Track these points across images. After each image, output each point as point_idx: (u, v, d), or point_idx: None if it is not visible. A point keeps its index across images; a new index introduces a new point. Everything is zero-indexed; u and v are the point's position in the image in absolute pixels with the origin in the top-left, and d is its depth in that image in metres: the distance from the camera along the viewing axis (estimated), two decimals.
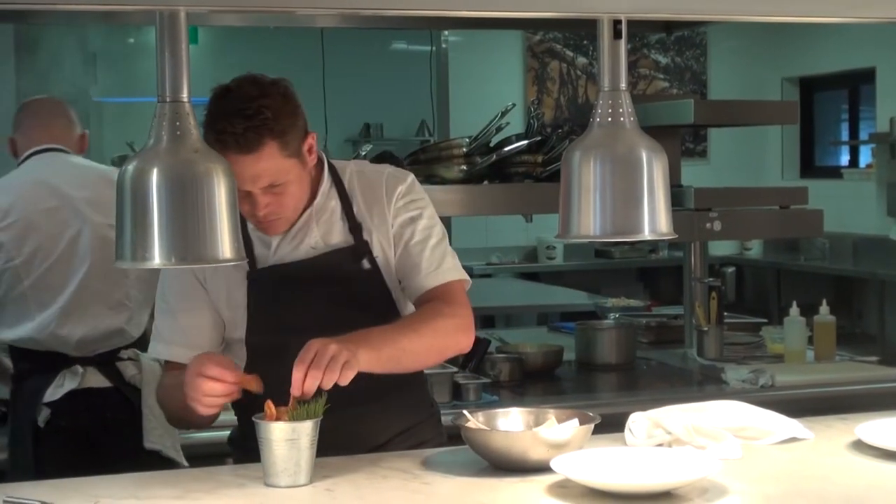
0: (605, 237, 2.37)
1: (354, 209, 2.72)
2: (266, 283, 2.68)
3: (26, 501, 2.30)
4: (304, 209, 2.69)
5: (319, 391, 2.39)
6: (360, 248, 2.71)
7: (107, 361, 3.45)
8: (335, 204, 2.72)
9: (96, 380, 3.44)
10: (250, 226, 2.68)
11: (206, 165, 2.09)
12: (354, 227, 2.71)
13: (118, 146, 4.48)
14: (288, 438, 2.37)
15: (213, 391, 2.42)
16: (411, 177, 2.79)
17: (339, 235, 2.71)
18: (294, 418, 2.39)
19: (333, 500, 2.33)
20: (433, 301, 2.67)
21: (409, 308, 2.76)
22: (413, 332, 2.58)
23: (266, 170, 2.53)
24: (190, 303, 2.70)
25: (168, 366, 2.76)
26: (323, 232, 2.71)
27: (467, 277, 2.76)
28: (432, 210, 2.78)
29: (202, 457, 2.84)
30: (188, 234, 2.08)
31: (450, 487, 2.40)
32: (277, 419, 2.39)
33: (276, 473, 2.39)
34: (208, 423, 2.59)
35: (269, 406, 2.41)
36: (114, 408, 3.43)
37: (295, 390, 2.38)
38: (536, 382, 4.01)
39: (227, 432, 2.87)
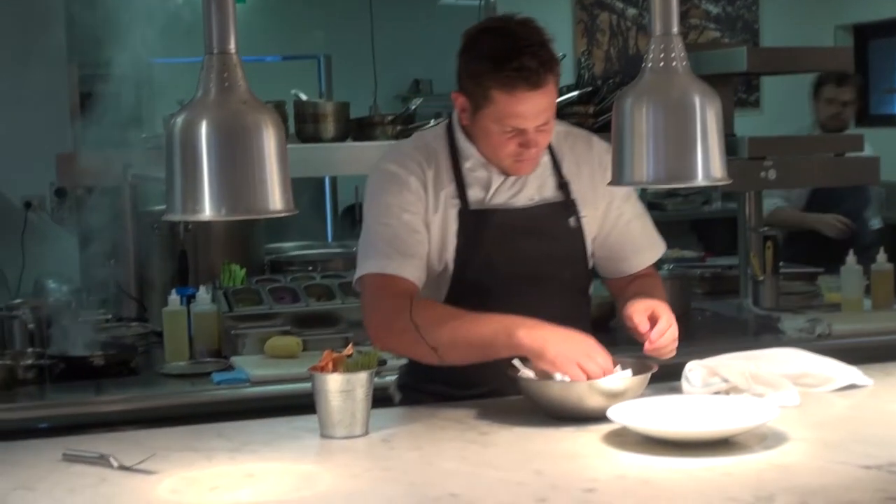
0: (658, 183, 2.33)
1: (563, 167, 2.78)
2: (477, 224, 2.72)
3: (85, 454, 2.31)
4: None
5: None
6: (568, 205, 2.77)
7: None
8: (547, 160, 2.78)
9: None
10: (466, 166, 2.71)
11: (254, 117, 2.07)
12: (563, 184, 2.78)
13: (169, 106, 4.46)
14: (343, 389, 2.37)
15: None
16: None
17: (550, 190, 2.78)
18: (349, 369, 2.38)
19: (391, 451, 2.32)
20: (652, 277, 2.88)
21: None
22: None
23: (549, 105, 2.62)
24: (412, 217, 2.67)
25: (380, 284, 2.63)
26: (538, 185, 2.77)
27: (664, 243, 2.94)
28: None
29: (243, 412, 2.82)
30: (238, 186, 2.05)
31: (506, 437, 2.39)
32: (333, 370, 2.38)
33: (331, 425, 2.39)
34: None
35: (327, 356, 2.40)
36: None
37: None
38: (591, 334, 3.96)
39: (271, 388, 2.88)
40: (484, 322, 2.52)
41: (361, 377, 2.39)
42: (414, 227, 2.67)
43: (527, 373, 2.55)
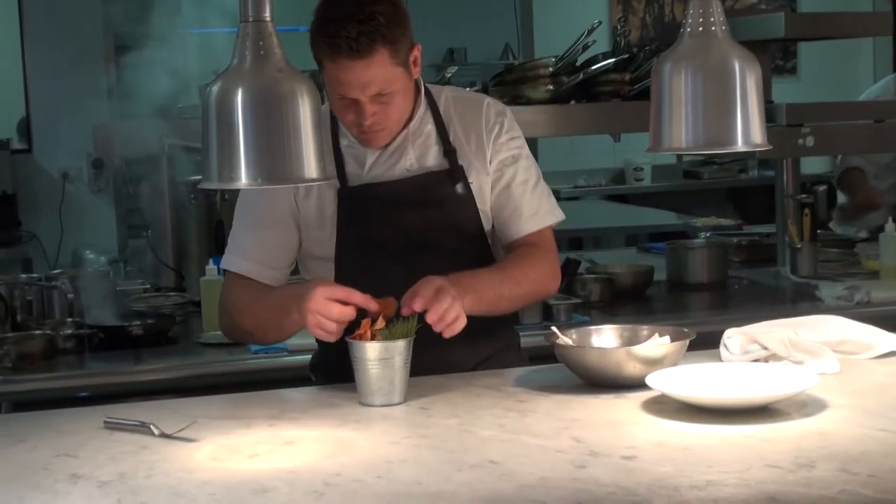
0: (696, 149, 2.32)
1: (450, 134, 2.71)
2: (357, 202, 2.67)
3: (126, 422, 2.32)
4: (401, 130, 2.67)
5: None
6: (455, 172, 2.70)
7: None
8: (431, 128, 2.71)
9: None
10: (343, 143, 2.68)
11: (290, 85, 2.06)
12: (450, 151, 2.70)
13: (205, 76, 4.47)
14: (381, 357, 2.37)
15: (343, 316, 2.40)
16: (509, 110, 2.79)
17: (434, 159, 2.70)
18: (387, 337, 2.38)
19: (429, 419, 2.32)
20: (528, 246, 2.71)
21: (495, 238, 2.75)
22: (512, 281, 2.63)
23: (376, 76, 2.51)
24: (273, 219, 2.69)
25: (234, 280, 2.72)
26: (418, 154, 2.69)
27: (562, 215, 2.80)
28: (527, 145, 2.79)
29: (280, 381, 2.83)
30: (274, 154, 2.05)
31: (544, 405, 2.39)
32: (371, 339, 2.39)
33: (370, 392, 2.39)
34: (273, 342, 2.71)
35: (365, 325, 2.40)
36: None
37: (406, 311, 2.40)
38: (627, 303, 3.97)
39: (308, 357, 2.88)
40: (274, 299, 2.56)
41: (399, 345, 2.39)
42: (278, 238, 2.69)
43: (565, 340, 2.54)
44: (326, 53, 2.50)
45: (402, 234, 2.67)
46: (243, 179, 2.04)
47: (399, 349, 2.39)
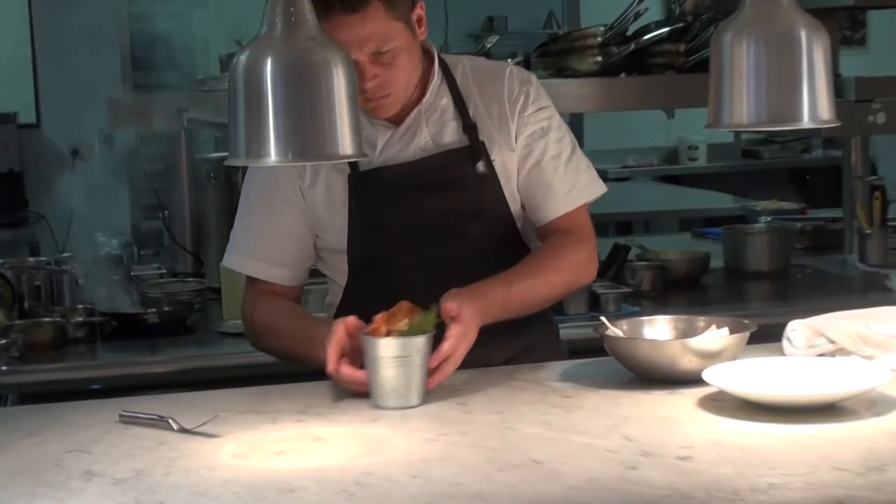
0: (759, 125, 2.31)
1: (470, 108, 2.68)
2: (370, 188, 2.65)
3: (142, 415, 2.34)
4: (413, 107, 2.65)
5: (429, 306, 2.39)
6: (475, 149, 2.66)
7: None
8: (447, 102, 2.68)
9: None
10: None
11: (323, 54, 2.07)
12: (469, 126, 2.67)
13: (226, 43, 4.49)
14: (398, 355, 2.33)
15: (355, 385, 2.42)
16: (535, 78, 2.75)
17: (451, 135, 2.67)
18: (405, 333, 2.34)
19: (468, 415, 2.33)
20: (561, 235, 2.67)
21: (526, 220, 2.73)
22: (543, 283, 2.63)
23: (373, 32, 2.48)
24: (276, 213, 2.68)
25: (254, 287, 2.74)
26: (433, 132, 2.67)
27: (603, 188, 2.78)
28: (558, 114, 2.74)
29: (308, 374, 2.84)
30: (306, 129, 2.06)
31: (592, 401, 2.39)
32: (387, 334, 2.35)
33: (384, 394, 2.35)
34: None
35: (380, 319, 2.37)
36: None
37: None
38: (681, 292, 3.97)
39: None
40: (299, 339, 2.56)
41: (418, 342, 2.34)
42: (285, 231, 2.69)
43: (615, 331, 2.55)
44: (321, 13, 2.43)
45: (420, 221, 2.65)
46: (273, 156, 2.06)
47: (418, 346, 2.34)
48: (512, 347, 2.73)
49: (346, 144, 2.09)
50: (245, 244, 2.74)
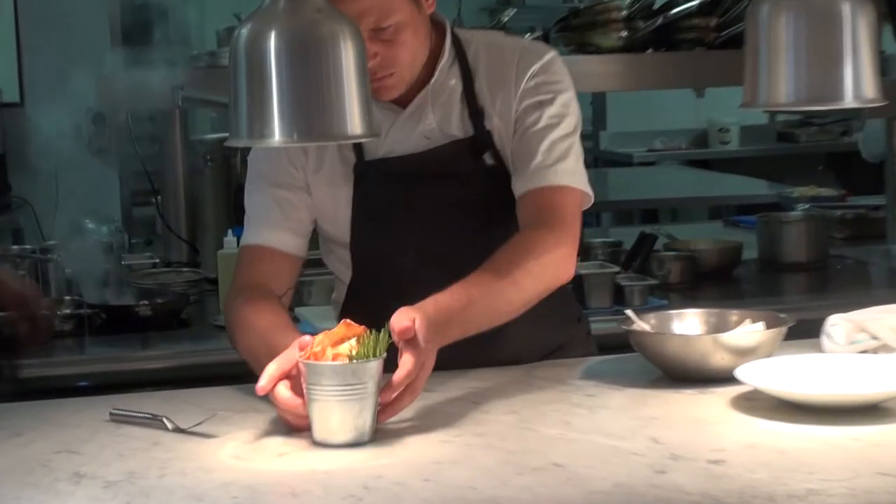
0: (798, 105, 2.32)
1: (477, 92, 2.63)
2: (373, 179, 2.63)
3: (134, 414, 2.35)
4: (420, 88, 2.62)
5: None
6: (480, 139, 2.62)
7: None
8: (456, 83, 2.64)
9: None
10: None
11: (331, 27, 2.07)
12: (475, 112, 2.63)
13: (223, 18, 4.49)
14: (348, 383, 2.14)
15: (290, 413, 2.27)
16: (553, 54, 2.67)
17: (457, 123, 2.63)
18: (355, 357, 2.17)
19: (484, 415, 2.33)
20: (532, 226, 2.54)
21: None
22: (510, 286, 2.44)
23: (371, 6, 2.43)
24: (286, 179, 2.64)
25: (249, 261, 2.65)
26: (440, 117, 2.62)
27: (588, 192, 2.61)
28: (571, 98, 2.65)
29: None
30: (312, 107, 2.06)
31: (617, 400, 2.40)
32: (334, 357, 2.18)
33: (330, 429, 2.16)
34: None
35: (323, 340, 2.19)
36: None
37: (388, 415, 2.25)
38: (711, 284, 3.97)
39: None
40: (266, 346, 2.39)
41: (371, 367, 2.16)
42: (287, 201, 2.63)
43: (642, 325, 2.55)
44: None
45: (424, 216, 2.63)
46: (276, 136, 2.06)
47: (370, 372, 2.16)
48: (543, 346, 2.70)
49: (355, 123, 2.08)
50: (257, 219, 2.66)
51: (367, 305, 2.45)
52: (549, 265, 2.50)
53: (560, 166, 2.58)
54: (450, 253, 2.58)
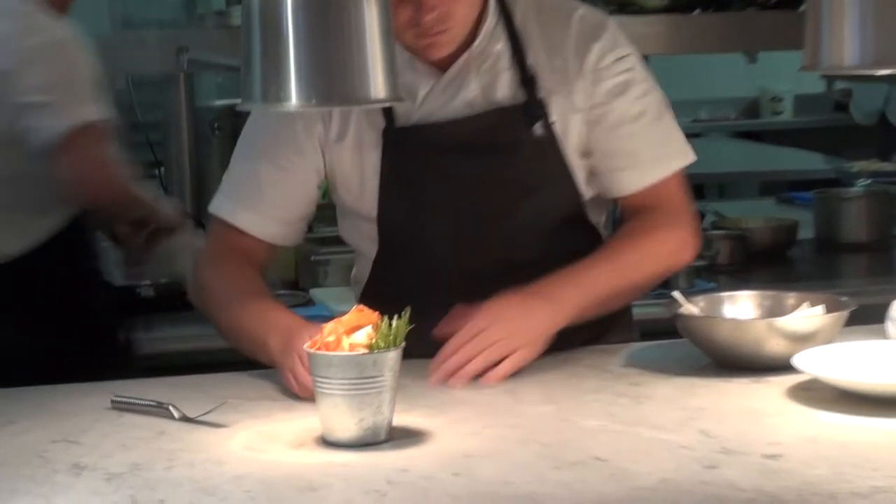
0: (862, 68, 2.30)
1: (528, 56, 2.63)
2: (405, 148, 2.63)
3: (138, 402, 2.36)
4: (461, 52, 2.61)
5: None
6: (532, 107, 2.62)
7: None
8: (502, 47, 2.64)
9: None
10: None
11: None
12: (527, 79, 2.63)
13: None
14: (362, 376, 2.12)
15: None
16: (610, 20, 2.69)
17: (505, 90, 2.63)
18: (371, 346, 2.14)
19: (518, 405, 2.34)
20: (649, 211, 2.64)
21: (594, 196, 2.70)
22: (630, 269, 2.59)
23: None
24: (284, 165, 2.65)
25: (218, 241, 2.71)
26: (484, 84, 2.63)
27: (692, 155, 2.72)
28: (642, 64, 2.68)
29: None
30: (332, 68, 2.05)
31: (664, 389, 2.40)
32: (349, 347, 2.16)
33: (343, 426, 2.14)
34: None
35: (335, 328, 2.16)
36: None
37: (435, 376, 2.37)
38: (764, 265, 3.98)
39: None
40: (252, 320, 2.48)
41: (390, 358, 2.14)
42: (291, 186, 2.66)
43: (690, 309, 2.55)
44: None
45: (463, 192, 2.62)
46: (294, 99, 2.06)
47: (389, 363, 2.14)
48: (584, 330, 2.68)
49: (378, 87, 2.08)
50: (239, 192, 2.68)
51: (393, 283, 2.46)
52: (670, 246, 2.65)
53: (668, 153, 2.68)
54: (485, 228, 2.59)
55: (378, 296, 2.44)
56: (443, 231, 2.64)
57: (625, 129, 2.64)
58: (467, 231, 2.62)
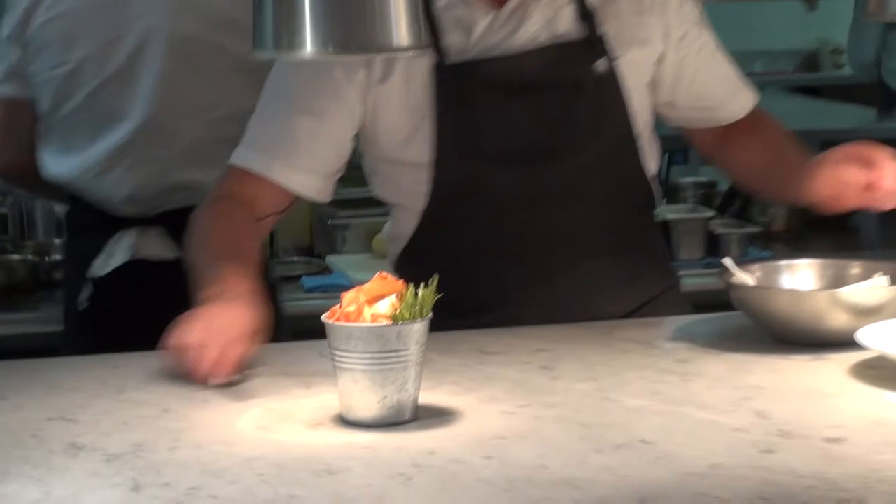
0: None
1: None
2: (462, 85, 2.65)
3: None
4: None
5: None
6: (594, 43, 2.67)
7: (172, 223, 3.32)
8: None
9: (156, 247, 3.38)
10: (440, 2, 2.65)
11: None
12: (586, 14, 2.68)
13: None
14: (385, 350, 2.12)
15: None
16: None
17: (567, 24, 2.68)
18: (395, 317, 2.13)
19: (554, 382, 2.34)
20: (763, 127, 2.90)
21: (648, 144, 2.75)
22: None
23: None
24: (323, 114, 2.66)
25: (238, 180, 2.69)
26: (547, 17, 2.67)
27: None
28: None
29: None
30: (350, 13, 2.03)
31: (715, 366, 2.40)
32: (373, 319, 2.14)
33: (364, 403, 2.15)
34: None
35: (356, 298, 2.15)
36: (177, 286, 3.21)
37: None
38: (824, 233, 3.98)
39: None
40: (209, 268, 2.50)
41: (416, 330, 2.14)
42: (329, 136, 2.67)
43: (744, 278, 2.54)
44: None
45: (522, 133, 2.65)
46: (308, 46, 2.04)
47: (416, 335, 2.14)
48: (631, 299, 2.72)
49: (400, 33, 2.06)
50: (270, 142, 2.68)
51: (444, 236, 2.47)
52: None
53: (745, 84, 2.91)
54: (550, 179, 2.62)
55: (424, 253, 2.47)
56: (500, 177, 2.65)
57: (719, 55, 2.83)
58: (526, 177, 2.65)
